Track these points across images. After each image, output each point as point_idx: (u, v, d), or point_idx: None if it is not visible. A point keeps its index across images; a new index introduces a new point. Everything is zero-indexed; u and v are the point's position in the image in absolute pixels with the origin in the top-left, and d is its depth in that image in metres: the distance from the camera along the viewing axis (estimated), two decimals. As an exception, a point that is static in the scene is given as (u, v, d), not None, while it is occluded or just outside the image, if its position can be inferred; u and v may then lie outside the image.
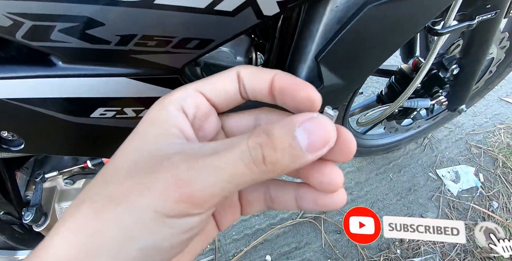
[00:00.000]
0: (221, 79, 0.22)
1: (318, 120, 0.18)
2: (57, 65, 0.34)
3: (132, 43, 0.31)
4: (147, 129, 0.20)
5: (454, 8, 0.52)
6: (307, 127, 0.18)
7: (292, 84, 0.20)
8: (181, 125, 0.20)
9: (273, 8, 0.30)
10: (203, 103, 0.22)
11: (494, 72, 0.97)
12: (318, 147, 0.18)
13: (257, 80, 0.21)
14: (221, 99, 0.22)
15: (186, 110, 0.21)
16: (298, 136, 0.17)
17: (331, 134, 0.18)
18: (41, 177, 0.55)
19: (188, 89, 0.21)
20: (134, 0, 0.27)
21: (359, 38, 0.37)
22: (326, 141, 0.18)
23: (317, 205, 0.22)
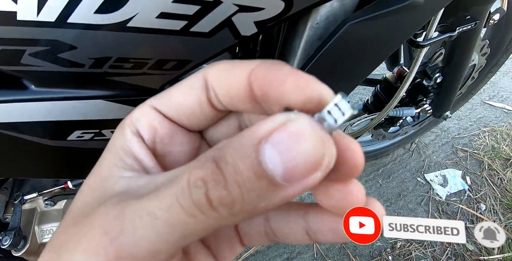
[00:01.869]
0: (178, 91, 0.16)
1: (296, 128, 0.11)
2: (29, 88, 0.33)
3: (107, 65, 0.30)
4: (105, 159, 0.17)
5: (435, 21, 0.52)
6: (279, 142, 0.11)
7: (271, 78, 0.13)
8: (137, 153, 0.16)
9: (250, 28, 0.29)
10: (160, 123, 0.17)
11: (477, 78, 0.99)
12: (301, 173, 0.11)
13: (228, 83, 0.15)
14: (185, 116, 0.17)
15: (142, 133, 0.17)
16: (267, 158, 0.11)
17: (326, 150, 0.12)
18: (20, 199, 0.53)
19: (143, 107, 0.17)
20: (106, 24, 0.26)
21: (340, 55, 0.37)
22: (316, 159, 0.11)
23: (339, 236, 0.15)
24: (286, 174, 0.11)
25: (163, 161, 0.18)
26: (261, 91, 0.14)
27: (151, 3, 0.25)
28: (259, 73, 0.14)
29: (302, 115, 0.12)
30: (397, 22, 0.37)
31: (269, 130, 0.12)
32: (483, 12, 0.63)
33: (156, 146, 0.17)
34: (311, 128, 0.12)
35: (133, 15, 0.25)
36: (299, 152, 0.11)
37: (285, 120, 0.12)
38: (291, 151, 0.11)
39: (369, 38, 0.37)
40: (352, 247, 1.02)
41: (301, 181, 0.12)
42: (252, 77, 0.14)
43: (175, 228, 0.13)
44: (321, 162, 0.12)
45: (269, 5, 0.28)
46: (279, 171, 0.11)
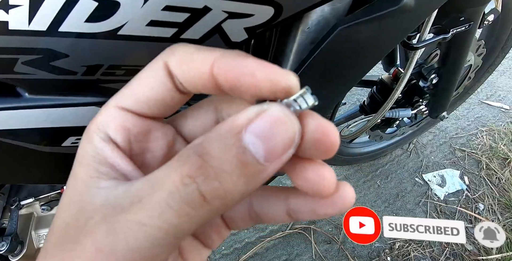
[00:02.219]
0: (143, 84, 0.16)
1: (271, 114, 0.13)
2: (23, 96, 0.33)
3: (99, 73, 0.30)
4: (78, 172, 0.16)
5: (429, 23, 0.53)
6: (259, 129, 0.13)
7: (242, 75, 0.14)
8: (111, 160, 0.16)
9: (241, 34, 0.30)
10: (133, 123, 0.16)
11: (473, 78, 0.99)
12: (280, 151, 0.13)
13: (190, 71, 0.15)
14: (155, 109, 0.16)
15: (114, 138, 0.16)
16: (249, 146, 0.13)
17: (295, 130, 0.13)
18: (16, 204, 0.53)
19: (109, 109, 0.16)
20: (97, 32, 0.27)
21: (332, 59, 0.37)
22: (290, 138, 0.13)
23: (317, 215, 0.17)
24: (267, 156, 0.13)
25: (142, 158, 0.18)
26: (229, 84, 0.14)
27: (140, 11, 0.25)
28: (224, 67, 0.14)
29: (274, 103, 0.14)
30: (388, 25, 0.37)
31: (247, 120, 0.13)
32: (477, 13, 0.63)
33: (132, 146, 0.17)
34: (284, 113, 0.13)
35: (123, 23, 0.26)
36: (277, 135, 0.13)
37: (259, 110, 0.13)
38: (271, 135, 0.13)
39: (361, 42, 0.37)
40: (350, 248, 1.03)
41: (279, 158, 0.13)
42: (215, 70, 0.14)
43: (168, 231, 0.13)
44: (293, 141, 0.13)
45: (259, 12, 0.28)
46: (261, 154, 0.13)
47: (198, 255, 0.20)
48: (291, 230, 1.04)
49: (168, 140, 0.18)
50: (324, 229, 1.06)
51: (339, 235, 1.04)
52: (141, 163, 0.17)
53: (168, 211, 0.13)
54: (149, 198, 0.13)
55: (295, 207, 0.17)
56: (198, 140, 0.14)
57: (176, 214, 0.13)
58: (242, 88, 0.14)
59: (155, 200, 0.13)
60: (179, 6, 0.25)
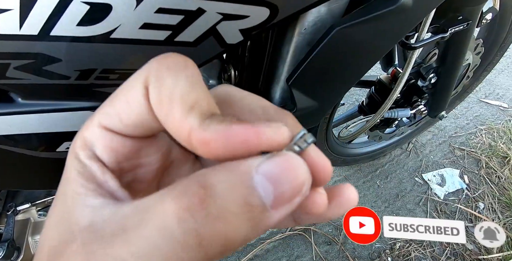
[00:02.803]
0: (126, 105, 0.14)
1: (287, 159, 0.12)
2: (16, 101, 0.33)
3: (92, 77, 0.30)
4: (64, 187, 0.15)
5: (427, 22, 0.52)
6: (271, 171, 0.12)
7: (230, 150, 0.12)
8: (99, 179, 0.15)
9: (236, 36, 0.29)
10: (121, 143, 0.15)
11: (472, 77, 0.99)
12: (289, 198, 0.12)
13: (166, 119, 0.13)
14: (142, 129, 0.15)
15: (101, 157, 0.15)
16: (259, 187, 0.12)
17: (306, 177, 0.13)
18: (13, 210, 0.52)
19: (94, 127, 0.15)
20: (89, 36, 0.26)
21: (329, 60, 0.37)
22: (300, 187, 0.12)
23: (324, 218, 0.16)
24: (275, 201, 0.12)
25: (133, 175, 0.16)
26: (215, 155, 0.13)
27: (133, 14, 0.25)
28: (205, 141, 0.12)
29: (285, 151, 0.13)
30: (385, 26, 0.37)
31: (259, 161, 0.12)
32: (475, 12, 0.63)
33: (122, 165, 0.16)
34: (297, 159, 0.12)
35: (116, 26, 0.25)
36: (288, 180, 0.12)
37: (271, 154, 0.12)
38: (282, 179, 0.12)
39: (358, 43, 0.37)
40: (351, 249, 1.02)
41: (285, 206, 0.12)
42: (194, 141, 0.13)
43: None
44: (303, 188, 0.12)
45: (254, 13, 0.28)
46: (270, 198, 0.12)
47: None
48: (291, 231, 1.04)
49: (162, 152, 0.17)
50: (324, 230, 1.05)
51: (340, 236, 1.04)
52: (132, 179, 0.16)
53: (155, 252, 0.11)
54: (135, 232, 0.11)
55: (299, 213, 0.17)
56: (204, 170, 0.12)
57: (164, 257, 0.11)
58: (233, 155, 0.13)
59: (141, 235, 0.11)
60: (172, 8, 0.25)
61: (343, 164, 1.12)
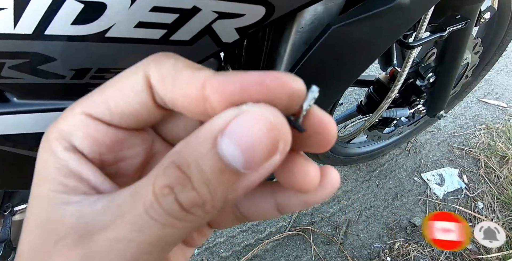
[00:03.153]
0: (118, 94, 0.14)
1: (248, 117, 0.11)
2: (12, 101, 0.32)
3: (88, 76, 0.30)
4: (40, 188, 0.14)
5: (425, 21, 0.52)
6: (236, 133, 0.11)
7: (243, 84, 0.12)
8: (79, 172, 0.14)
9: (232, 35, 0.29)
10: (104, 133, 0.15)
11: (470, 76, 0.99)
12: (262, 157, 0.12)
13: (173, 91, 0.13)
14: (130, 121, 0.15)
15: (80, 148, 0.14)
16: (225, 152, 0.11)
17: (281, 134, 0.12)
18: (10, 210, 0.52)
19: (75, 116, 0.14)
20: (84, 35, 0.26)
21: (327, 59, 0.37)
22: (274, 144, 0.12)
23: (308, 204, 0.16)
24: (246, 163, 0.12)
25: (116, 168, 0.16)
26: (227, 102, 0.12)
27: (128, 13, 0.24)
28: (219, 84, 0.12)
29: (256, 104, 0.12)
30: (383, 24, 0.36)
31: (223, 123, 0.12)
32: (474, 11, 0.63)
33: (103, 157, 0.15)
34: (266, 114, 0.12)
35: (110, 25, 0.25)
36: (254, 139, 0.11)
37: (237, 112, 0.12)
38: (247, 140, 0.11)
39: (355, 41, 0.36)
40: (350, 249, 1.02)
41: (261, 166, 0.12)
42: (208, 91, 0.12)
43: (153, 244, 0.12)
44: (277, 146, 0.12)
45: (250, 11, 0.27)
46: (240, 161, 0.12)
47: (181, 254, 0.19)
48: (290, 231, 1.03)
49: (147, 145, 0.17)
50: (323, 230, 1.05)
51: (338, 236, 1.04)
52: (115, 172, 0.16)
53: (150, 222, 0.12)
54: (130, 212, 0.12)
55: (283, 201, 0.17)
56: (176, 148, 0.13)
57: (159, 226, 0.12)
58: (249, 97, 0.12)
59: (136, 213, 0.12)
60: (168, 6, 0.25)
61: (342, 164, 1.12)
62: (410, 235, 1.07)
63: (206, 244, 0.98)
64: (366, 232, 1.06)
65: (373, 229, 1.07)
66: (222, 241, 0.99)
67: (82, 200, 0.13)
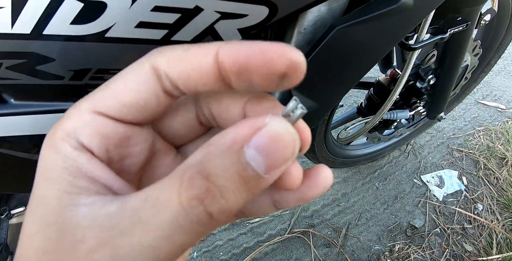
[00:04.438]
0: (126, 86, 0.14)
1: (274, 130, 0.13)
2: (9, 102, 0.32)
3: (87, 77, 0.29)
4: (47, 189, 0.14)
5: (426, 23, 0.52)
6: (261, 145, 0.13)
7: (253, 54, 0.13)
8: (89, 172, 0.14)
9: (234, 35, 0.29)
10: (112, 130, 0.15)
11: (470, 78, 0.99)
12: (280, 164, 0.13)
13: (187, 68, 0.14)
14: (138, 115, 0.15)
15: (89, 146, 0.14)
16: (251, 162, 0.13)
17: (296, 144, 0.14)
18: (6, 213, 0.51)
19: (82, 114, 0.14)
20: (83, 35, 0.25)
21: (329, 60, 0.36)
22: (291, 152, 0.13)
23: (304, 200, 0.17)
24: (267, 169, 0.13)
25: (120, 165, 0.16)
26: (238, 68, 0.13)
27: (128, 12, 0.24)
28: (231, 51, 0.13)
29: (273, 117, 0.13)
30: (386, 25, 0.36)
31: (248, 135, 0.13)
32: (474, 13, 0.62)
33: (110, 154, 0.15)
34: (284, 127, 0.13)
35: (110, 25, 0.24)
36: (278, 149, 0.13)
37: (260, 124, 0.13)
38: (272, 150, 0.13)
39: (358, 43, 0.36)
40: (350, 252, 1.01)
41: (278, 169, 0.13)
42: (221, 57, 0.13)
43: (177, 249, 0.13)
44: (293, 154, 0.14)
45: (253, 12, 0.27)
46: (262, 168, 0.13)
47: None
48: (290, 234, 1.03)
49: (149, 143, 0.17)
50: (323, 233, 1.04)
51: (338, 239, 1.03)
52: (118, 170, 0.16)
53: (178, 231, 0.13)
54: (154, 220, 0.13)
55: (280, 197, 0.17)
56: (198, 157, 0.13)
57: (185, 233, 0.13)
58: (253, 69, 0.13)
59: (161, 221, 0.13)
60: (169, 6, 0.24)
61: (341, 166, 1.11)
62: (410, 237, 1.06)
63: (205, 247, 0.97)
64: (366, 235, 1.06)
65: (373, 232, 1.07)
66: (221, 244, 0.99)
67: (94, 201, 0.13)
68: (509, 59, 1.78)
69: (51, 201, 0.13)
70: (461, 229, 1.10)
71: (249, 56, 0.13)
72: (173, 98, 0.16)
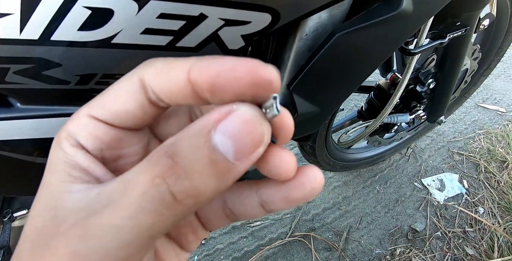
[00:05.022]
0: (115, 96, 0.16)
1: (241, 114, 0.13)
2: (15, 106, 0.32)
3: (92, 82, 0.30)
4: (50, 179, 0.16)
5: (425, 28, 0.52)
6: (228, 128, 0.13)
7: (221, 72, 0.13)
8: (83, 164, 0.16)
9: (238, 42, 0.29)
10: (104, 132, 0.16)
11: (469, 82, 1.00)
12: (250, 149, 0.13)
13: (167, 82, 0.15)
14: (127, 121, 0.16)
15: (85, 145, 0.16)
16: (218, 145, 0.13)
17: (264, 130, 0.14)
18: (9, 216, 0.51)
19: (80, 118, 0.16)
20: (90, 41, 0.26)
21: (331, 66, 0.37)
22: (260, 138, 0.13)
23: (290, 201, 0.17)
24: (236, 155, 0.13)
25: (116, 165, 0.18)
26: (208, 85, 0.14)
27: (135, 19, 0.24)
28: (201, 68, 0.14)
29: (243, 103, 0.14)
30: (386, 31, 0.37)
31: (216, 120, 0.13)
32: (473, 18, 0.63)
33: (104, 153, 0.17)
34: (253, 113, 0.13)
35: (117, 31, 0.25)
36: (246, 135, 0.13)
37: (229, 110, 0.13)
38: (239, 135, 0.13)
39: (359, 48, 0.37)
40: (351, 255, 1.01)
41: (249, 156, 0.13)
42: (192, 74, 0.14)
43: (141, 231, 0.13)
44: (263, 140, 0.14)
45: (256, 19, 0.27)
46: (231, 153, 0.13)
47: (175, 258, 0.20)
48: (291, 237, 1.03)
49: (143, 144, 0.18)
50: (324, 236, 1.04)
51: (339, 242, 1.03)
52: (114, 169, 0.17)
53: (141, 211, 0.13)
54: (121, 200, 0.13)
55: (267, 197, 0.18)
56: (169, 140, 0.14)
57: (149, 215, 0.13)
58: (222, 86, 0.14)
59: (127, 201, 0.13)
60: (175, 13, 0.25)
61: (342, 169, 1.12)
62: (411, 241, 1.06)
63: (206, 250, 0.98)
64: (367, 238, 1.06)
65: (374, 235, 1.07)
66: (222, 248, 0.99)
67: (83, 189, 0.15)
68: (508, 63, 1.79)
69: (52, 189, 0.15)
70: (462, 233, 1.10)
71: (218, 74, 0.13)
72: (160, 109, 0.16)
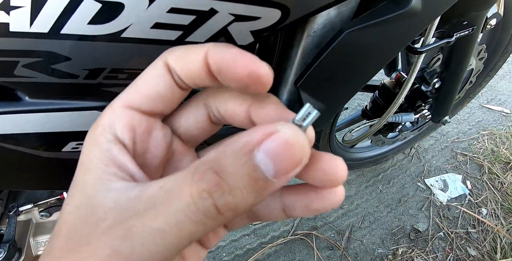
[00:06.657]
0: (146, 81, 0.17)
1: (283, 137, 0.14)
2: (23, 100, 0.32)
3: (101, 76, 0.30)
4: (85, 178, 0.16)
5: (432, 27, 0.52)
6: (271, 149, 0.14)
7: (227, 59, 0.15)
8: (119, 160, 0.16)
9: (247, 37, 0.29)
10: (138, 121, 0.17)
11: (474, 82, 0.99)
12: (288, 169, 0.14)
13: (187, 64, 0.16)
14: (158, 104, 0.18)
15: (121, 138, 0.17)
16: (260, 164, 0.14)
17: (304, 151, 0.14)
18: (14, 210, 0.52)
19: (115, 109, 0.17)
20: (99, 35, 0.26)
21: (338, 63, 0.37)
22: (299, 159, 0.14)
23: (309, 210, 0.18)
24: (276, 173, 0.14)
25: (142, 159, 0.18)
26: (217, 67, 0.16)
27: (145, 13, 0.24)
28: (214, 53, 0.16)
29: (286, 124, 0.15)
30: (394, 29, 0.36)
31: (259, 139, 0.14)
32: (480, 17, 0.63)
33: (136, 146, 0.18)
34: (294, 135, 0.14)
35: (127, 25, 0.25)
36: (287, 156, 0.14)
37: (272, 130, 0.14)
38: (281, 156, 0.14)
39: (367, 46, 0.36)
40: (353, 254, 1.01)
41: (287, 175, 0.14)
42: (208, 57, 0.16)
43: (184, 238, 0.14)
44: (301, 161, 0.14)
45: (266, 14, 0.27)
46: (271, 172, 0.14)
47: (195, 255, 0.21)
48: (293, 236, 1.03)
49: (167, 141, 0.19)
50: (326, 235, 1.04)
51: (342, 241, 1.03)
52: (141, 163, 0.18)
53: (186, 220, 0.14)
54: (166, 207, 0.14)
55: (289, 203, 0.19)
56: (212, 155, 0.14)
57: (193, 224, 0.14)
58: (226, 73, 0.16)
59: (173, 209, 0.14)
60: (185, 8, 0.25)
61: (345, 168, 1.11)
62: (413, 241, 1.06)
63: (208, 247, 0.98)
64: (369, 238, 1.06)
65: (376, 235, 1.07)
66: (224, 245, 0.99)
67: (120, 187, 0.16)
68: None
69: (87, 188, 0.16)
70: (465, 233, 1.10)
71: (224, 61, 0.15)
72: (184, 90, 0.18)
